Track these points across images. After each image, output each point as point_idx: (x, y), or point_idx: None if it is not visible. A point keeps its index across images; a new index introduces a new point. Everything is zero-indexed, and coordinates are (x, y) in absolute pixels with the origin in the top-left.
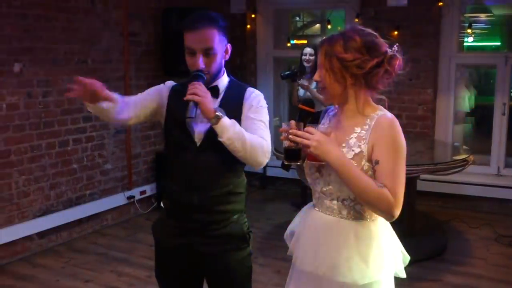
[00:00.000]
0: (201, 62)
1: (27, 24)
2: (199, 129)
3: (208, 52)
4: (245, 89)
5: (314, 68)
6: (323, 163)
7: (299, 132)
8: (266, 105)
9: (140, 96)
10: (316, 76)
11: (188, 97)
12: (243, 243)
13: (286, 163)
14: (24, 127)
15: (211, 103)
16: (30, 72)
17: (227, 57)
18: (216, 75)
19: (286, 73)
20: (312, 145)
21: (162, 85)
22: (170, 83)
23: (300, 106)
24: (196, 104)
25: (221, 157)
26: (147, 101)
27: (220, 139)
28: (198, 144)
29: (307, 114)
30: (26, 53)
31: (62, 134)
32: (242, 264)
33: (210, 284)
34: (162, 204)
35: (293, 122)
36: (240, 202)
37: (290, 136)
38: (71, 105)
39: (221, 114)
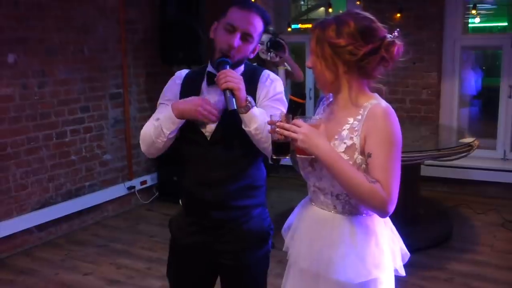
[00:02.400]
0: (236, 40)
1: (19, 14)
2: (210, 122)
3: (246, 38)
4: (261, 72)
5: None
6: (313, 157)
7: (287, 125)
8: (283, 91)
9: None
10: (308, 63)
11: (223, 85)
12: (261, 241)
13: (274, 157)
14: (20, 119)
15: (244, 91)
16: (25, 62)
17: (252, 55)
18: (237, 65)
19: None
20: (299, 138)
21: (173, 81)
22: (181, 74)
23: (290, 96)
24: (232, 92)
25: (236, 150)
26: None
27: (246, 129)
28: (208, 138)
29: (297, 106)
30: (19, 43)
31: (59, 125)
32: (259, 264)
33: (223, 282)
34: (180, 202)
35: (282, 113)
36: (260, 196)
37: (278, 129)
38: (68, 95)
39: (251, 103)
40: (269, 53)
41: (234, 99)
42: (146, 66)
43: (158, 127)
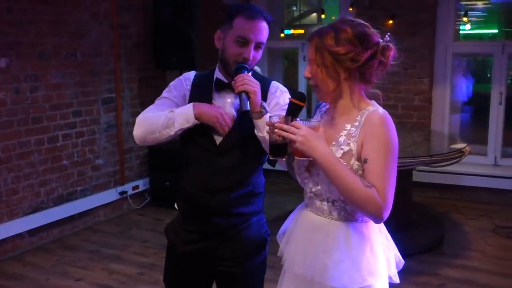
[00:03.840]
0: (252, 53)
1: (12, 18)
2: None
3: (259, 46)
4: (269, 83)
5: None
6: (311, 159)
7: (285, 126)
8: None
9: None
10: (306, 73)
11: (240, 88)
12: (259, 248)
13: (271, 158)
14: (12, 123)
15: (260, 96)
16: (17, 67)
17: None
18: (250, 71)
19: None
20: (298, 140)
21: (181, 81)
22: (189, 76)
23: (290, 99)
24: (248, 95)
25: (241, 158)
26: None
27: (259, 134)
28: (217, 144)
29: (297, 108)
30: (12, 47)
31: (51, 130)
32: (257, 271)
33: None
34: (176, 206)
35: (281, 115)
36: (259, 203)
37: (276, 130)
38: (60, 100)
39: (266, 108)
40: None
41: (248, 102)
42: (139, 71)
43: (171, 119)
